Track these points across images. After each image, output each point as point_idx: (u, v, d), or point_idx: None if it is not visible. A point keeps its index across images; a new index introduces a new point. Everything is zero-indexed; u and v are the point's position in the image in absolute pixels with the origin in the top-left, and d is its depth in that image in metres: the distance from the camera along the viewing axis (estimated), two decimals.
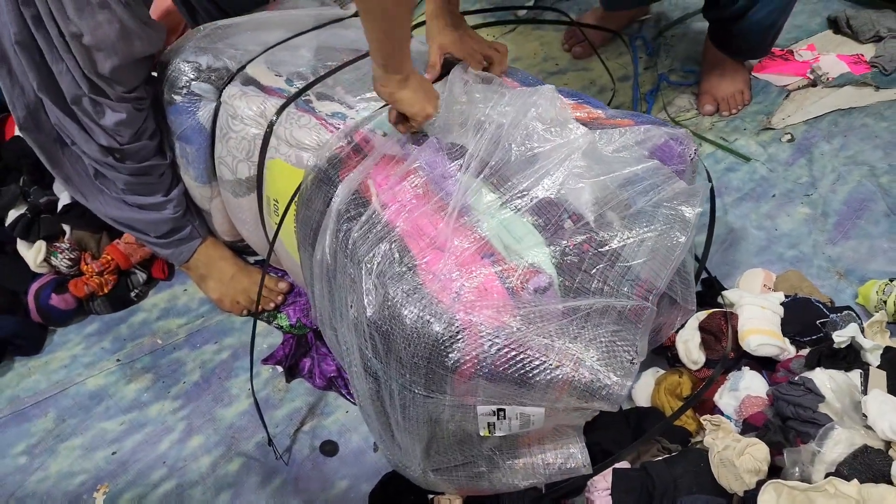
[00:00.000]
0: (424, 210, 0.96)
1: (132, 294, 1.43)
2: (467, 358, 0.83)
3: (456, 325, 0.83)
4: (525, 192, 0.96)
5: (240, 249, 1.45)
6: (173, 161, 1.30)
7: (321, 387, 1.29)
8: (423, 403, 0.88)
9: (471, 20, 1.90)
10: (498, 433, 0.92)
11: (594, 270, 0.91)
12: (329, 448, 1.22)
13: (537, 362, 0.82)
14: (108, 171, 1.26)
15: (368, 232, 0.95)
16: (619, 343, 0.85)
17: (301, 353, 1.33)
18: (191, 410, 1.29)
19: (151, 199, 1.30)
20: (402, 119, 1.05)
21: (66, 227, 1.43)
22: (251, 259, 1.47)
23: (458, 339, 0.83)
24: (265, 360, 1.32)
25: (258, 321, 1.39)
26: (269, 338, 1.37)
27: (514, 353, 0.82)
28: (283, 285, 1.40)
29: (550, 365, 0.82)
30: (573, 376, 0.82)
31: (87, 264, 1.39)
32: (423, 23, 1.23)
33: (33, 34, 1.10)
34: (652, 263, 0.93)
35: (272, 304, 1.39)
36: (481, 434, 0.93)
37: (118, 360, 1.36)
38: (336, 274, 0.99)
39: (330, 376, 1.29)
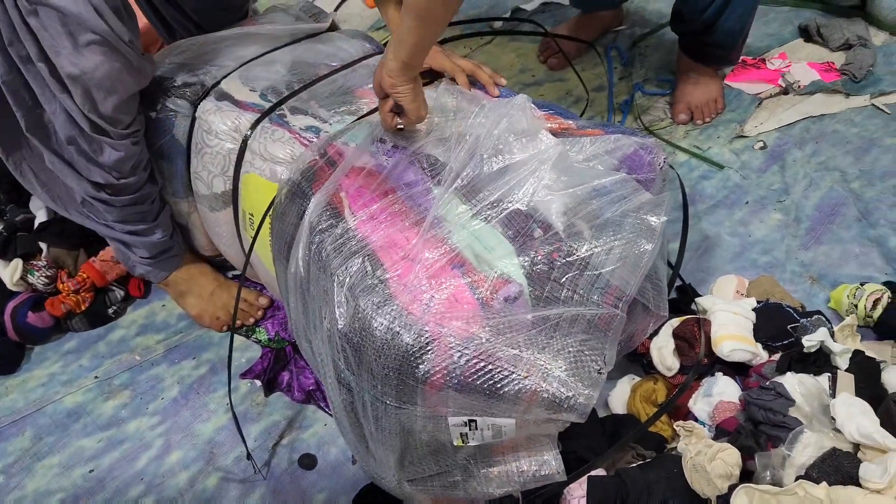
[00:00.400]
0: (398, 224, 0.97)
1: (110, 311, 1.43)
2: (437, 369, 0.83)
3: (425, 336, 0.84)
4: (496, 203, 0.97)
5: (218, 264, 1.46)
6: (161, 185, 1.30)
7: (300, 400, 1.29)
8: (394, 414, 0.89)
9: (448, 32, 1.93)
10: (471, 443, 0.93)
11: (564, 279, 0.92)
12: (307, 461, 1.22)
13: (505, 373, 0.83)
14: (99, 205, 1.24)
15: (342, 246, 0.95)
16: (587, 353, 0.86)
17: (279, 366, 1.33)
18: (169, 426, 1.29)
19: (141, 226, 1.29)
20: (397, 111, 1.06)
21: (43, 245, 1.42)
22: (230, 273, 1.47)
23: (428, 351, 0.84)
24: (243, 375, 1.33)
25: (237, 335, 1.39)
26: (248, 352, 1.37)
27: (482, 364, 0.83)
28: (263, 300, 1.41)
29: (518, 376, 0.83)
30: (540, 387, 0.83)
31: (63, 282, 1.39)
32: None
33: (23, 74, 1.07)
34: (621, 271, 0.94)
35: (252, 319, 1.39)
36: (455, 444, 0.93)
37: (96, 377, 1.36)
38: (310, 286, 1.00)
39: (308, 389, 1.30)
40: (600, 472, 1.07)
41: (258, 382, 1.32)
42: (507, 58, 1.89)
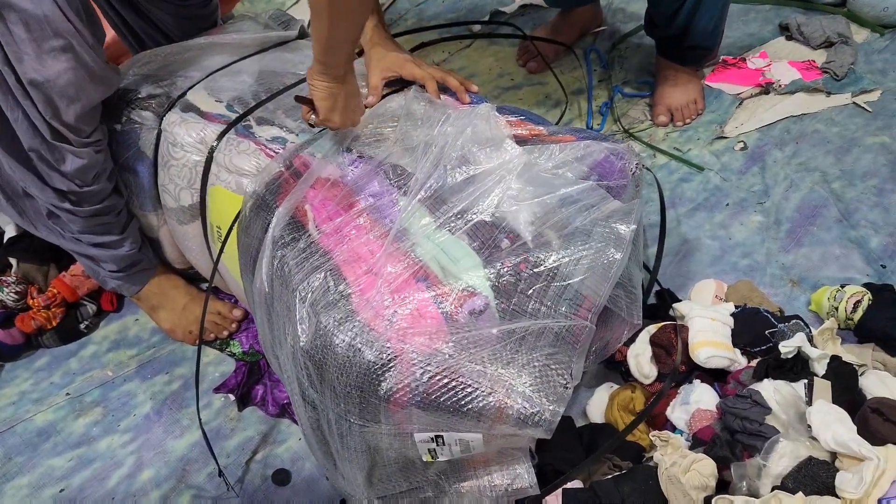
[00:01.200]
0: (363, 237, 0.95)
1: (82, 326, 1.41)
2: (399, 386, 0.82)
3: (388, 352, 0.82)
4: (461, 214, 0.95)
5: (191, 277, 1.44)
6: (129, 198, 1.28)
7: (274, 414, 1.27)
8: (359, 432, 0.87)
9: (427, 36, 1.92)
10: (441, 458, 0.91)
11: (531, 291, 0.90)
12: (281, 477, 1.20)
13: (469, 390, 0.81)
14: (64, 215, 1.22)
15: (304, 261, 0.93)
16: (553, 367, 0.84)
17: (253, 380, 1.31)
18: (141, 444, 1.26)
19: (108, 238, 1.27)
20: (308, 106, 1.07)
21: (13, 261, 1.40)
22: (204, 286, 1.45)
23: (390, 367, 0.82)
24: (217, 389, 1.30)
25: (210, 348, 1.37)
26: (222, 366, 1.35)
27: (446, 380, 0.81)
28: (237, 312, 1.38)
29: (483, 392, 0.81)
30: (505, 404, 0.81)
31: (33, 298, 1.37)
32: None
33: None
34: (590, 281, 0.93)
35: (226, 332, 1.37)
36: (424, 460, 0.92)
37: (67, 395, 1.34)
38: (274, 302, 0.98)
39: (283, 403, 1.27)
40: (577, 483, 1.06)
41: (232, 397, 1.29)
42: (485, 62, 1.87)
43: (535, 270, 0.90)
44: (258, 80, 1.23)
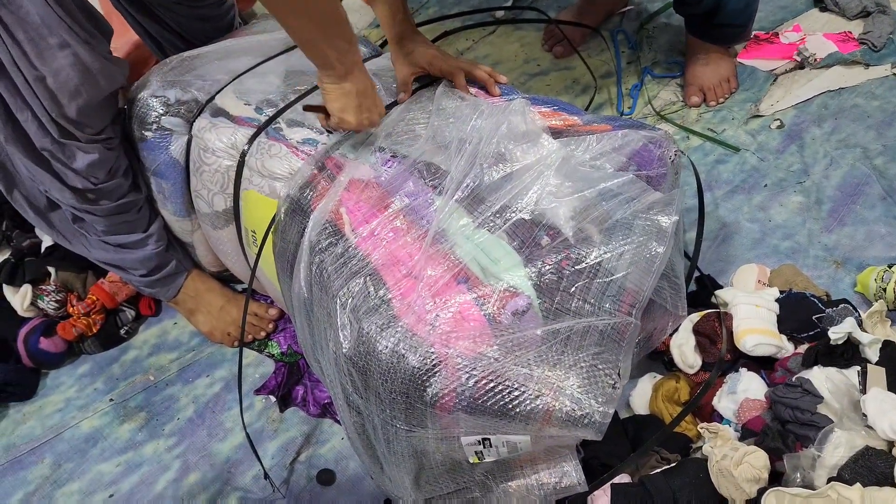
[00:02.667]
0: (401, 239, 0.94)
1: (122, 331, 1.42)
2: (445, 391, 0.81)
3: (432, 358, 0.81)
4: (500, 213, 0.94)
5: (226, 279, 1.44)
6: (149, 196, 1.28)
7: (315, 414, 1.28)
8: (406, 437, 0.87)
9: (450, 24, 1.89)
10: (487, 459, 0.90)
11: (574, 288, 0.88)
12: (326, 477, 1.21)
13: (516, 393, 0.80)
14: (86, 216, 1.24)
15: (343, 266, 0.93)
16: (600, 367, 0.82)
17: (293, 381, 1.31)
18: (186, 447, 1.27)
19: (132, 238, 1.29)
20: (319, 112, 1.06)
21: (51, 269, 1.41)
22: (239, 287, 1.46)
23: (435, 373, 0.81)
24: (257, 391, 1.31)
25: (250, 350, 1.38)
26: (262, 367, 1.36)
27: (492, 384, 0.80)
28: (273, 312, 1.39)
29: (530, 395, 0.80)
30: (553, 406, 0.80)
31: (73, 306, 1.38)
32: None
33: None
34: (633, 276, 0.91)
35: (263, 333, 1.37)
36: (471, 461, 0.91)
37: (111, 400, 1.35)
38: (314, 307, 0.97)
39: (324, 403, 1.28)
40: (624, 478, 1.04)
41: (273, 398, 1.30)
42: (511, 48, 1.84)
43: (576, 268, 0.89)
44: (285, 81, 1.22)
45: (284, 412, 1.29)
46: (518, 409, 0.80)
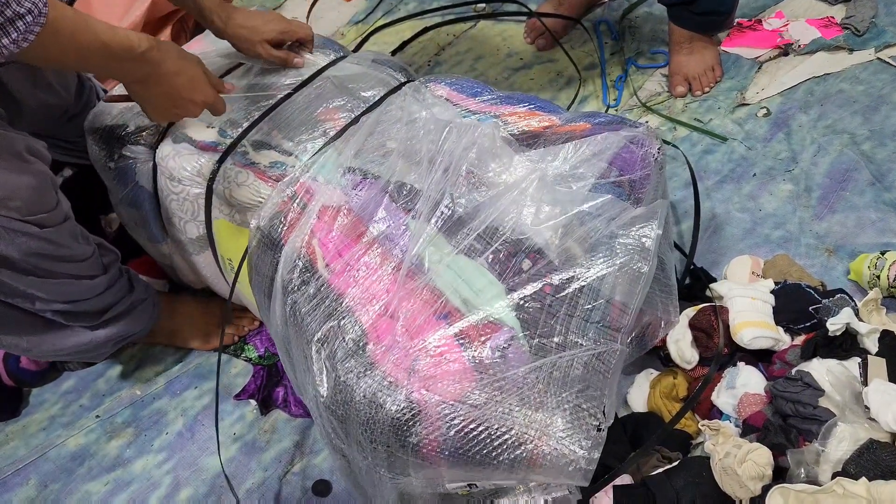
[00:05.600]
0: (375, 273, 0.91)
1: None
2: (426, 441, 0.78)
3: (412, 407, 0.78)
4: (480, 239, 0.90)
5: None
6: (136, 233, 1.23)
7: (298, 414, 1.25)
8: (391, 483, 0.84)
9: (429, 19, 1.86)
10: (477, 493, 0.88)
11: (556, 316, 0.85)
12: (321, 488, 1.18)
13: (499, 441, 0.77)
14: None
15: (316, 307, 0.89)
16: (584, 406, 0.79)
17: (273, 383, 1.29)
18: (176, 462, 1.24)
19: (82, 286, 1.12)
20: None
21: None
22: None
23: (416, 422, 0.78)
24: (237, 396, 1.28)
25: (226, 353, 1.34)
26: (249, 375, 1.32)
27: (474, 432, 0.78)
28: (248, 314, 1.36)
29: (513, 443, 0.77)
30: (537, 453, 0.77)
31: None
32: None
33: None
34: (618, 296, 0.88)
35: (237, 338, 1.35)
36: (461, 494, 0.88)
37: (97, 417, 1.32)
38: (291, 347, 0.94)
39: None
40: (625, 478, 1.03)
41: (253, 402, 1.27)
42: (492, 42, 1.82)
43: (558, 295, 0.85)
44: (247, 96, 1.16)
45: (275, 420, 1.26)
46: (502, 458, 0.78)
